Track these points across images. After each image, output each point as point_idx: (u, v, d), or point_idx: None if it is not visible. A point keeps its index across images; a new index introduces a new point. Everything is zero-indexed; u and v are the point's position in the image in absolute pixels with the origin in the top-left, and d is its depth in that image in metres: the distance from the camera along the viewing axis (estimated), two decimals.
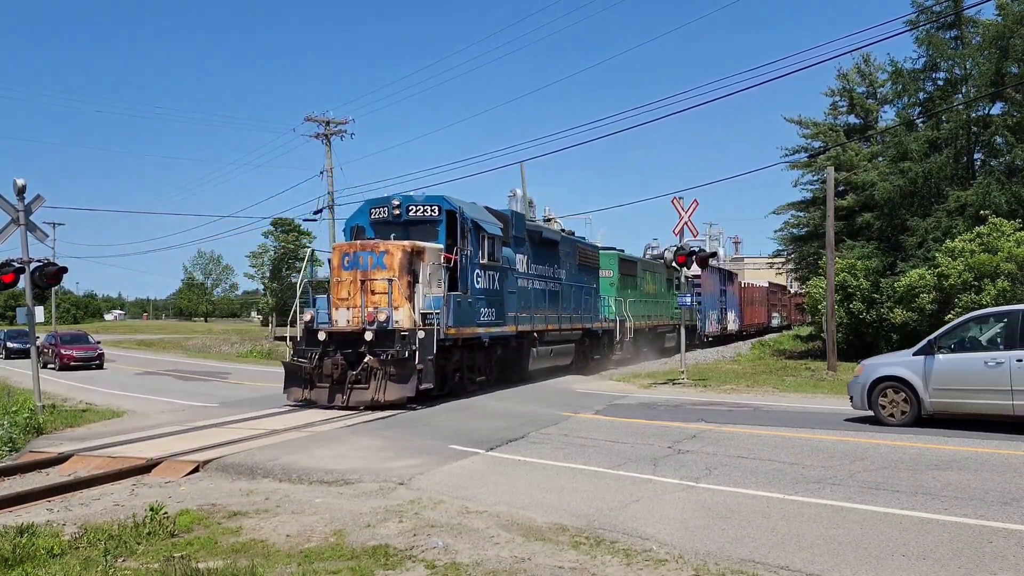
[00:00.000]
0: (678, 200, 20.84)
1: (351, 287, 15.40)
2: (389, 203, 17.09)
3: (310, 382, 15.33)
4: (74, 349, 32.55)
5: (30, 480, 9.67)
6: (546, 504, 7.51)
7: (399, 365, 14.71)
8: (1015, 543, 5.94)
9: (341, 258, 15.74)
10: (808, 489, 7.79)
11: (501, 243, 18.11)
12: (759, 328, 51.85)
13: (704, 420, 12.88)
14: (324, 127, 41.40)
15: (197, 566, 5.71)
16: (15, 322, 31.90)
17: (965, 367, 11.03)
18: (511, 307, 18.62)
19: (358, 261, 15.41)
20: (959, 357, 11.21)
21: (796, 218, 43.14)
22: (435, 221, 16.76)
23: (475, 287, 16.85)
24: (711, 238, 61.52)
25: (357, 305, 15.28)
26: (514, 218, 19.50)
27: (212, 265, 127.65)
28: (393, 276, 15.13)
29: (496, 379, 18.72)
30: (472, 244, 16.72)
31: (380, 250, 15.37)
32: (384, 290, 15.09)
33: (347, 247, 15.93)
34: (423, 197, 17.34)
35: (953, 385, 11.11)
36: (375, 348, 14.84)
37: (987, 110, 28.69)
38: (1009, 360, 10.54)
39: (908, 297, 26.08)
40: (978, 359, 10.93)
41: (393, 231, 16.63)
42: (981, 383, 10.80)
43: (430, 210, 16.85)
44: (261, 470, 9.44)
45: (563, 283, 22.37)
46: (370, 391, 14.72)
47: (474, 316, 16.81)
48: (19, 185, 14.48)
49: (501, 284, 18.15)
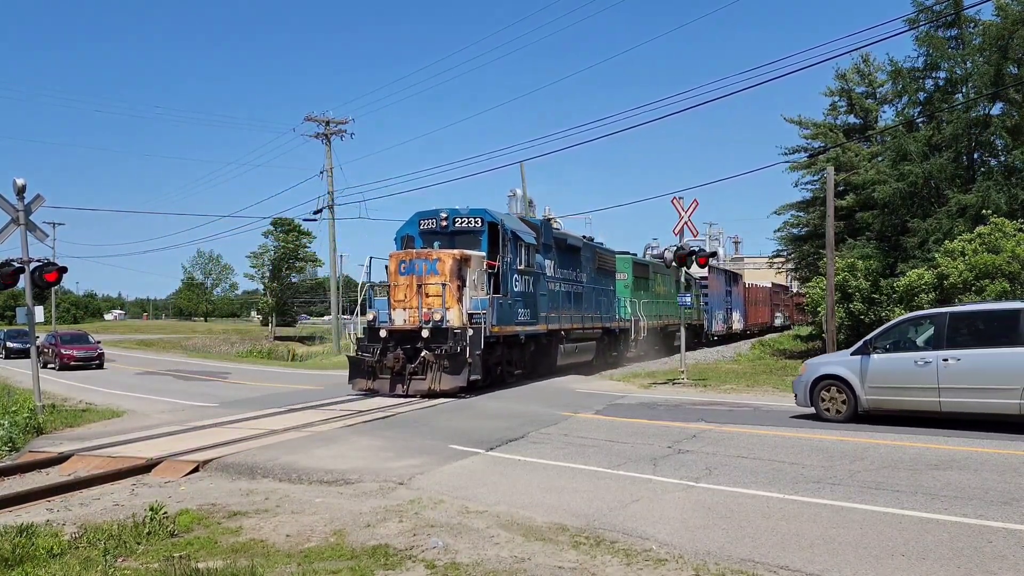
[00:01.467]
0: (678, 200, 20.86)
1: (407, 290, 17.27)
2: (437, 215, 19.00)
3: (373, 373, 17.29)
4: (74, 349, 32.49)
5: (30, 480, 9.67)
6: (546, 504, 7.51)
7: (452, 359, 16.54)
8: (1015, 543, 5.93)
9: (398, 265, 17.56)
10: (808, 489, 7.79)
11: (535, 250, 20.10)
12: (763, 327, 53.13)
13: (704, 420, 12.88)
14: (324, 127, 41.42)
15: (197, 566, 5.71)
16: (15, 322, 31.85)
17: (897, 366, 11.63)
18: (542, 308, 20.48)
19: (414, 267, 17.24)
20: (892, 357, 11.79)
21: (796, 218, 43.13)
22: (478, 231, 18.67)
23: (513, 290, 18.79)
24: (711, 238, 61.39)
25: (414, 306, 17.08)
26: (543, 227, 21.48)
27: (212, 265, 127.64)
28: (445, 281, 16.91)
29: (529, 372, 20.42)
30: (511, 252, 18.68)
31: (433, 258, 17.22)
32: (438, 293, 16.85)
33: (404, 255, 17.71)
34: (467, 210, 19.18)
35: (886, 383, 11.72)
36: (430, 344, 16.66)
37: (987, 111, 28.69)
38: (936, 360, 11.13)
39: (908, 297, 26.08)
40: (909, 359, 11.52)
41: (439, 240, 18.41)
42: (911, 382, 11.41)
43: (474, 221, 18.78)
44: (261, 470, 9.44)
45: (584, 286, 24.19)
46: (427, 382, 16.59)
47: (513, 316, 18.71)
48: (19, 185, 14.47)
49: (534, 287, 20.01)
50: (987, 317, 11.52)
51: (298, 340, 77.57)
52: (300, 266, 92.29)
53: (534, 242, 20.05)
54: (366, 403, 16.27)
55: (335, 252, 42.95)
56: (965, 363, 10.94)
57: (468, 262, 17.62)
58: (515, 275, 18.88)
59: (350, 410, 15.11)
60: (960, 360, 10.98)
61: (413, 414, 14.48)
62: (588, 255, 24.90)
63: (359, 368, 17.59)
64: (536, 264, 20.20)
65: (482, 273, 17.95)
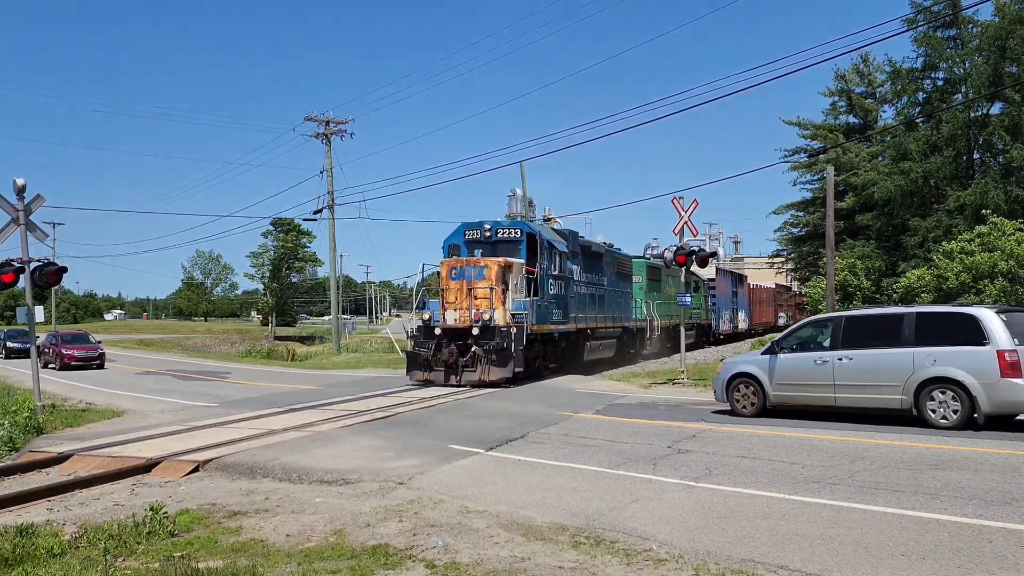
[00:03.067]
0: (678, 200, 20.86)
1: (458, 293, 19.37)
2: (481, 227, 21.31)
3: (428, 366, 19.47)
4: (75, 349, 32.30)
5: (30, 480, 9.67)
6: (546, 504, 7.51)
7: (499, 353, 18.66)
8: (1015, 543, 5.93)
9: (449, 271, 19.80)
10: (808, 489, 7.79)
11: (566, 258, 22.34)
12: (767, 327, 54.99)
13: (704, 420, 12.88)
14: (324, 127, 41.39)
15: (197, 566, 5.70)
16: (15, 322, 31.84)
17: (799, 365, 12.67)
18: (572, 309, 22.66)
19: (464, 273, 19.44)
20: (795, 356, 12.83)
21: (796, 218, 43.19)
22: (517, 241, 20.92)
23: (549, 293, 20.95)
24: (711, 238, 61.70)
25: (464, 307, 19.21)
26: (571, 235, 23.82)
27: (212, 265, 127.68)
28: (492, 285, 19.04)
29: (561, 366, 22.22)
30: (547, 259, 20.94)
31: (481, 265, 19.48)
32: (486, 296, 19.00)
33: (455, 262, 20.02)
34: (508, 222, 22.29)
35: (790, 380, 12.76)
36: (480, 340, 18.79)
37: (986, 110, 28.70)
38: (832, 359, 12.16)
39: (908, 297, 26.08)
40: (809, 358, 12.55)
41: (481, 248, 20.81)
42: (811, 379, 12.45)
43: (514, 232, 21.14)
44: (261, 470, 9.44)
45: (606, 288, 26.47)
46: (477, 373, 18.71)
47: (548, 316, 20.92)
48: (19, 185, 14.46)
49: (565, 290, 22.24)
50: (875, 321, 12.54)
51: (298, 340, 77.57)
52: (300, 266, 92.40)
53: (565, 250, 22.25)
54: (366, 403, 16.37)
55: (335, 252, 42.94)
56: (856, 362, 11.92)
57: (510, 268, 19.71)
58: (550, 280, 21.08)
59: (350, 410, 15.14)
60: (852, 360, 11.96)
61: (413, 414, 14.49)
62: (608, 260, 27.08)
63: (416, 361, 19.87)
64: (567, 270, 22.41)
65: (522, 278, 20.06)
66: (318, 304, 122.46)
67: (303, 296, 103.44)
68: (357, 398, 17.67)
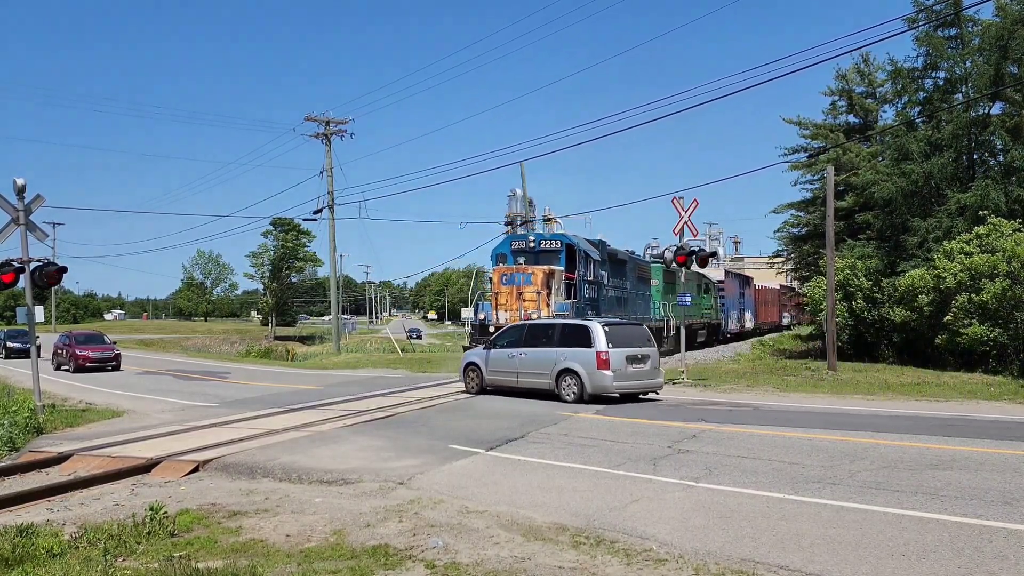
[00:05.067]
0: (678, 200, 20.87)
1: (509, 296, 22.24)
2: (526, 238, 24.92)
3: None
4: (90, 349, 30.53)
5: (30, 480, 9.66)
6: (546, 504, 7.51)
7: None
8: (1015, 543, 5.93)
9: (500, 277, 22.83)
10: (808, 489, 7.79)
11: (598, 265, 25.19)
12: (772, 326, 57.72)
13: (704, 420, 12.88)
14: (324, 127, 41.39)
15: (197, 566, 5.70)
16: (15, 322, 31.58)
17: (502, 357, 17.09)
18: (603, 309, 25.28)
19: (514, 279, 22.40)
20: (501, 351, 17.18)
21: (796, 218, 43.14)
22: (558, 251, 23.91)
23: (584, 296, 23.92)
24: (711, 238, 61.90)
25: (514, 308, 21.97)
26: (600, 244, 26.92)
27: (212, 265, 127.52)
28: (539, 289, 21.91)
29: None
30: (583, 267, 24.07)
31: (529, 272, 22.42)
32: (533, 299, 21.88)
33: (506, 270, 23.10)
34: (550, 235, 25.75)
35: (496, 368, 17.19)
36: None
37: (987, 110, 28.67)
38: (517, 354, 16.71)
39: (908, 297, 26.09)
40: (507, 352, 17.00)
41: (525, 256, 23.86)
42: (506, 367, 16.96)
43: (555, 243, 24.26)
44: (261, 470, 9.44)
45: (628, 291, 29.49)
46: None
47: (583, 316, 22.46)
48: (19, 185, 14.45)
49: (597, 293, 25.16)
50: (542, 328, 17.11)
51: (298, 340, 77.62)
52: (300, 266, 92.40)
53: (598, 258, 25.22)
54: (366, 403, 16.37)
55: (335, 252, 42.94)
56: (528, 357, 16.46)
57: (553, 275, 22.50)
58: (585, 285, 23.97)
59: (350, 410, 15.15)
60: (526, 355, 16.54)
61: (413, 414, 14.49)
62: (631, 266, 30.04)
63: None
64: (598, 275, 25.32)
65: (562, 283, 22.86)
66: (318, 304, 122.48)
67: (303, 296, 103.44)
68: (357, 398, 17.67)
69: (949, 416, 13.45)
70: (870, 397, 16.91)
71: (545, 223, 31.15)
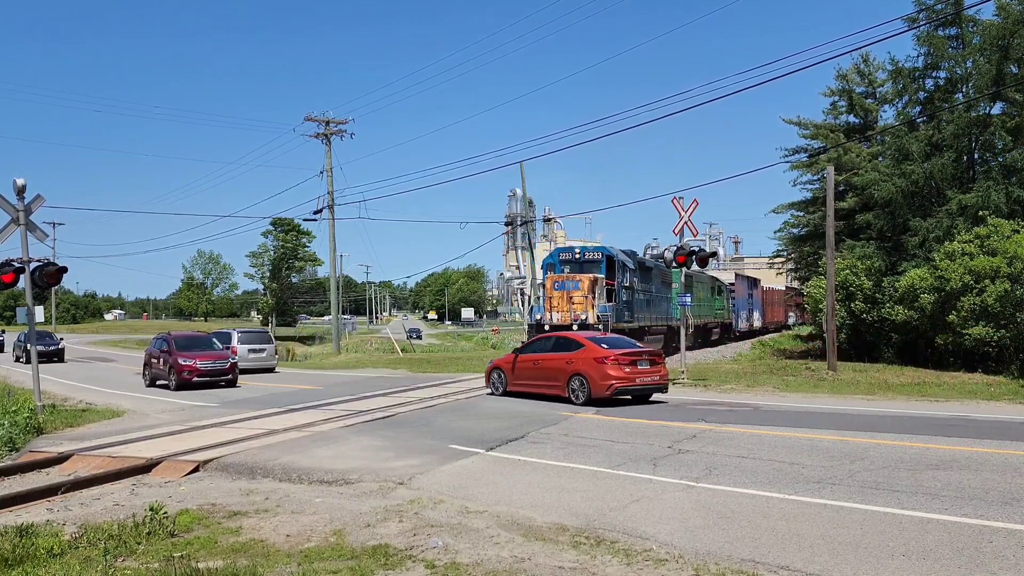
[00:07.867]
0: (678, 200, 20.88)
1: (560, 300, 25.66)
2: (572, 251, 29.11)
3: None
4: (197, 358, 21.76)
5: (30, 480, 9.66)
6: (546, 504, 7.50)
7: None
8: (1015, 543, 5.93)
9: (552, 283, 26.26)
10: (808, 489, 7.79)
11: (632, 272, 28.93)
12: (778, 325, 60.67)
13: (704, 420, 12.88)
14: (324, 127, 41.36)
15: (197, 566, 5.70)
16: (15, 322, 31.35)
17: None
18: (636, 311, 29.07)
19: (564, 285, 25.87)
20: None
21: (796, 218, 43.05)
22: (599, 261, 27.69)
23: (622, 300, 27.53)
24: (711, 238, 62.03)
25: (565, 310, 25.43)
26: (632, 254, 30.76)
27: (212, 265, 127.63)
28: (586, 294, 25.32)
29: None
30: (621, 275, 27.67)
31: (577, 279, 25.96)
32: (580, 302, 25.29)
33: (558, 277, 26.57)
34: (593, 247, 29.46)
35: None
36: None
37: (988, 110, 28.65)
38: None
39: (909, 297, 26.07)
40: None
41: (570, 266, 27.62)
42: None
43: (597, 255, 28.04)
44: (261, 470, 9.43)
45: (654, 294, 32.71)
46: None
47: (622, 317, 27.02)
48: (19, 185, 14.45)
49: (632, 297, 28.82)
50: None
51: (298, 340, 77.53)
52: (300, 266, 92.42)
53: (632, 266, 28.99)
54: (366, 403, 16.37)
55: (335, 252, 42.90)
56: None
57: (597, 282, 25.83)
58: (623, 290, 27.57)
59: (350, 410, 15.14)
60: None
61: (413, 414, 14.49)
62: (656, 272, 33.08)
63: None
64: (632, 282, 28.86)
65: (603, 289, 26.17)
66: (318, 304, 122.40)
67: (303, 296, 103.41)
68: (357, 398, 17.67)
69: (949, 416, 13.44)
70: (870, 397, 16.91)
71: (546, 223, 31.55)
